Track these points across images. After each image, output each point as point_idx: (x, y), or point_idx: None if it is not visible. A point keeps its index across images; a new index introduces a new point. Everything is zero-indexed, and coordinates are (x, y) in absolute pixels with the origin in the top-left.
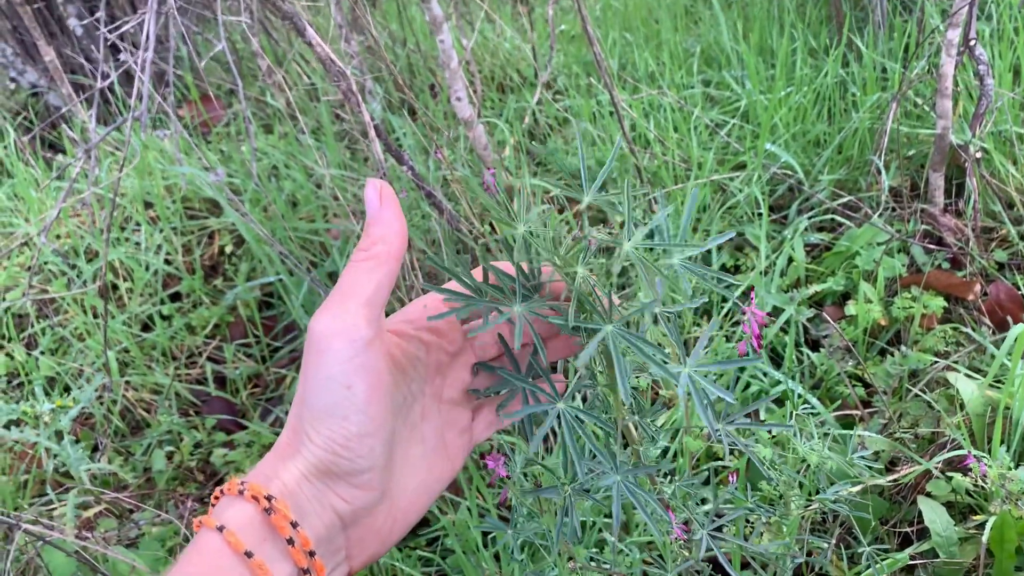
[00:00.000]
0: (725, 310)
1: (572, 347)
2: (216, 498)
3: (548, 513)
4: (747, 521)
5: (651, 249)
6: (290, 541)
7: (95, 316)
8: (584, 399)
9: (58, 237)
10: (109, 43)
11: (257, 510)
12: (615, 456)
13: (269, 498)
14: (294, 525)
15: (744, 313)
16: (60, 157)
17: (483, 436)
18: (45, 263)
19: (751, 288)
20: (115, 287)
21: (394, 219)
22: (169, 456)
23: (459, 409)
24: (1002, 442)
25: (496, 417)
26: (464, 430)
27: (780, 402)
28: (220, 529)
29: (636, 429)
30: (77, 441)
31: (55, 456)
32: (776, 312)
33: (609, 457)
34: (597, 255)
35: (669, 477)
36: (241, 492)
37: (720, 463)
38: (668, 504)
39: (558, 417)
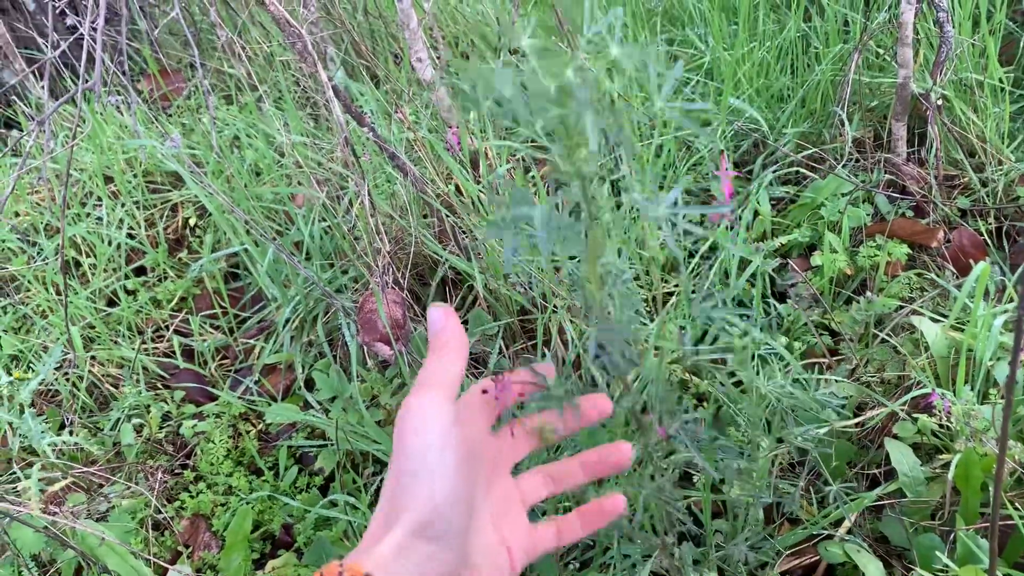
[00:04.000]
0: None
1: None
2: None
3: None
4: (716, 468)
5: None
6: None
7: (57, 293)
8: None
9: (16, 215)
10: (58, 10)
11: None
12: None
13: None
14: None
15: (718, 174)
16: (15, 133)
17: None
18: (3, 241)
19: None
20: (78, 263)
21: (458, 328)
22: (138, 430)
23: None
24: (965, 382)
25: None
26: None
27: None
28: None
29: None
30: (41, 416)
31: (18, 433)
32: (743, 264)
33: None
34: None
35: (644, 387)
36: (341, 574)
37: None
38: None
39: None
